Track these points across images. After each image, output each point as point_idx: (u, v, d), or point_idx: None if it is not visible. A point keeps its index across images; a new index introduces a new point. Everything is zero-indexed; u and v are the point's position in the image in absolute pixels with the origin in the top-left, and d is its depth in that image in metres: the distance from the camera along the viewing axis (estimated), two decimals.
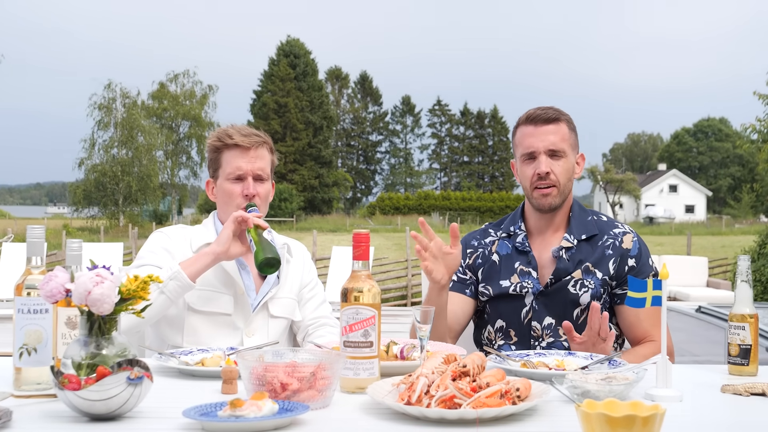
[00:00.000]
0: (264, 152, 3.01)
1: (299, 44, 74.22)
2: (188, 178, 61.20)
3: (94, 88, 61.17)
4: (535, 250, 3.01)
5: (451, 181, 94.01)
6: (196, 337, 2.87)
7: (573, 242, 2.95)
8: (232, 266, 2.94)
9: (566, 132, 2.95)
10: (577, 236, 2.96)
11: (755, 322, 2.40)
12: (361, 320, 2.14)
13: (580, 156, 3.04)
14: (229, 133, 2.98)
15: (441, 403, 1.81)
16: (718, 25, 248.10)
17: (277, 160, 3.12)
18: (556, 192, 2.92)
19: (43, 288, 1.90)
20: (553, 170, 2.91)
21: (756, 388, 2.11)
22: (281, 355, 2.11)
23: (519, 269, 2.99)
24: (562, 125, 2.94)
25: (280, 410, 1.77)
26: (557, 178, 2.91)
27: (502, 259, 3.04)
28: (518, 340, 2.97)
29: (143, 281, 1.91)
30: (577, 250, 2.95)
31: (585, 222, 3.01)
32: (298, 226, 51.56)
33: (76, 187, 52.73)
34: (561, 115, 2.96)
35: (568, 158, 2.94)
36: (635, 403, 1.62)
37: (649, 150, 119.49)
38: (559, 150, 2.91)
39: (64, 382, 1.77)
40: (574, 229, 2.98)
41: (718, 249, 31.42)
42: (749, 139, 17.51)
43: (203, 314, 2.89)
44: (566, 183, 2.94)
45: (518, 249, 3.03)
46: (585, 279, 2.92)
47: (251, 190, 2.93)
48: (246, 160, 2.95)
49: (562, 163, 2.92)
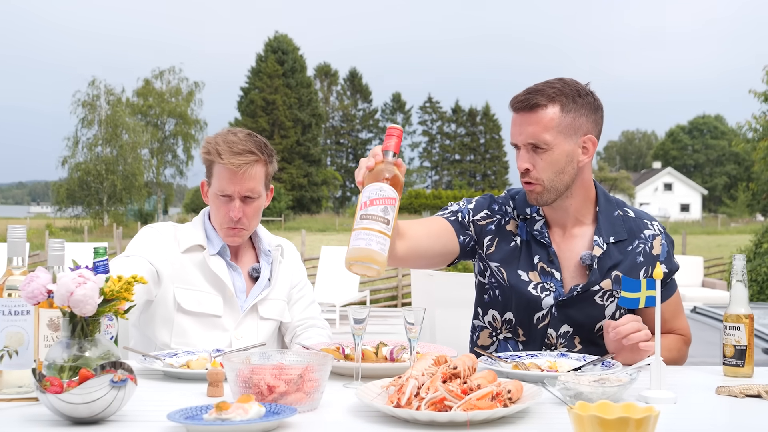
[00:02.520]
0: (255, 170, 2.90)
1: (287, 40, 74.11)
2: (174, 176, 61.19)
3: (77, 85, 61.16)
4: (556, 244, 2.75)
5: (443, 180, 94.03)
6: (185, 337, 2.88)
7: (603, 247, 2.70)
8: (222, 268, 2.94)
9: (555, 118, 2.60)
10: (606, 239, 2.71)
11: (750, 322, 2.41)
12: (383, 197, 2.09)
13: (588, 139, 2.66)
14: (219, 150, 2.87)
15: (431, 405, 1.81)
16: (714, 20, 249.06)
17: (275, 168, 3.04)
18: (541, 189, 2.64)
19: (25, 289, 1.89)
20: (534, 166, 2.63)
21: (751, 390, 2.11)
22: (268, 356, 2.10)
23: (540, 266, 2.72)
24: (550, 109, 2.60)
25: (267, 413, 1.76)
26: (539, 175, 2.63)
27: (522, 245, 2.77)
28: (527, 341, 2.76)
29: (127, 282, 1.90)
30: (605, 255, 2.71)
31: (613, 220, 2.75)
32: (287, 225, 51.52)
33: (59, 186, 52.60)
34: (550, 97, 2.61)
35: (556, 149, 2.61)
36: (628, 405, 1.63)
37: (643, 148, 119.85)
38: (539, 142, 2.60)
39: (45, 385, 1.76)
40: (602, 229, 2.72)
41: (714, 248, 31.53)
42: (745, 137, 17.58)
43: (192, 315, 2.89)
44: (554, 178, 2.63)
45: (536, 238, 2.75)
46: (614, 290, 2.70)
47: (236, 213, 2.89)
48: (234, 182, 2.88)
49: (546, 157, 2.62)
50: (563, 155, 2.63)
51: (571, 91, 2.64)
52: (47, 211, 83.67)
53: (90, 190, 51.42)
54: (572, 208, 2.75)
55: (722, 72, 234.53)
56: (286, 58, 72.55)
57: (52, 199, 55.12)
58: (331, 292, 12.19)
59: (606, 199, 2.81)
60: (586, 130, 2.67)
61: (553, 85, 2.64)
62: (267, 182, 3.00)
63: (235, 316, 2.94)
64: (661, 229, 2.82)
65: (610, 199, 2.83)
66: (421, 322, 2.23)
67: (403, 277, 17.00)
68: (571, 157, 2.65)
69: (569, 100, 2.63)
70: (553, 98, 2.62)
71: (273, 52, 72.71)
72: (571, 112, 2.63)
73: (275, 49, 73.10)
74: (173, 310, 2.88)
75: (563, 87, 2.64)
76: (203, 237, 2.98)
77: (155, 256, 2.90)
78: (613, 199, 2.85)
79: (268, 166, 2.97)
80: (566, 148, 2.63)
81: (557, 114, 2.61)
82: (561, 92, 2.63)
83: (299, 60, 73.77)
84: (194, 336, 2.88)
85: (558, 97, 2.62)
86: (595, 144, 2.70)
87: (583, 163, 2.69)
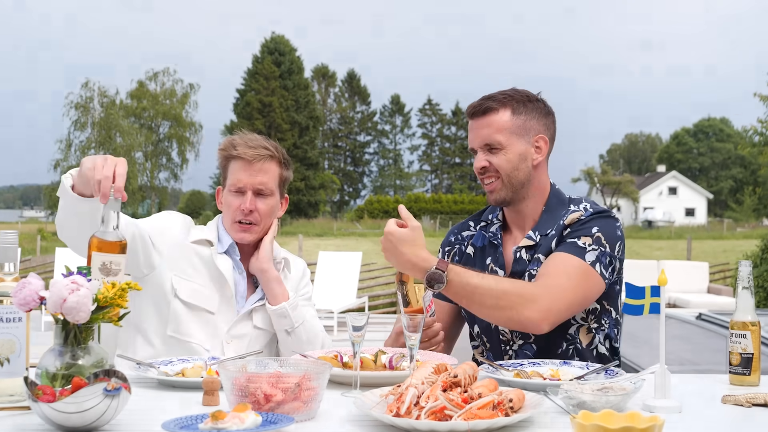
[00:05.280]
0: (270, 166, 3.00)
1: (284, 41, 74.12)
2: (168, 180, 61.12)
3: (70, 87, 61.16)
4: (505, 246, 2.93)
5: (442, 184, 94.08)
6: (178, 325, 2.90)
7: (536, 239, 2.83)
8: (227, 266, 2.97)
9: (506, 120, 2.81)
10: (542, 232, 2.84)
11: (757, 330, 2.41)
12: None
13: (540, 138, 2.86)
14: (235, 143, 2.99)
15: (431, 414, 1.81)
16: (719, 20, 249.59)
17: (290, 175, 3.11)
18: (501, 185, 2.82)
19: (17, 296, 1.89)
20: (491, 162, 2.82)
21: (758, 399, 2.12)
22: (265, 365, 2.11)
23: (489, 266, 2.90)
24: (501, 113, 2.81)
25: (264, 422, 1.76)
26: (497, 168, 2.81)
27: (477, 252, 2.98)
28: (491, 347, 2.91)
29: (121, 288, 1.91)
30: (539, 247, 2.82)
31: (557, 217, 2.85)
32: (283, 230, 51.50)
33: (51, 189, 52.53)
34: (501, 102, 2.83)
35: (510, 148, 2.80)
36: (633, 414, 1.63)
37: (647, 151, 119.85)
38: (493, 143, 2.80)
39: (38, 393, 1.76)
40: (541, 225, 2.85)
41: (720, 254, 31.53)
42: (751, 140, 17.60)
43: (187, 305, 2.92)
44: (511, 173, 2.81)
45: (491, 241, 2.95)
46: (532, 269, 2.79)
47: (248, 205, 2.94)
48: (248, 174, 2.96)
49: (501, 155, 2.81)
50: (516, 154, 2.82)
51: (521, 97, 2.86)
52: (40, 216, 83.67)
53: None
54: (528, 209, 2.90)
55: (727, 74, 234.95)
56: (283, 60, 72.56)
57: (44, 203, 55.11)
58: (329, 299, 12.18)
59: (558, 200, 2.92)
60: (537, 131, 2.86)
61: (505, 92, 2.87)
62: (281, 184, 3.06)
63: (229, 318, 2.95)
64: (588, 208, 2.85)
65: (563, 200, 2.92)
66: (421, 329, 2.24)
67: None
68: (525, 155, 2.84)
69: (519, 104, 2.85)
70: (504, 102, 2.84)
71: (269, 53, 72.73)
72: (521, 114, 2.84)
73: (272, 50, 73.12)
74: (170, 296, 2.91)
75: (514, 93, 2.87)
76: (214, 235, 3.02)
77: (162, 235, 2.94)
78: (567, 199, 2.94)
79: (282, 169, 3.05)
80: (519, 148, 2.83)
81: (508, 116, 2.83)
82: (512, 98, 2.85)
83: (296, 61, 73.79)
84: (187, 325, 2.90)
85: (509, 102, 2.84)
86: (548, 143, 2.89)
87: (537, 162, 2.87)
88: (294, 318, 2.95)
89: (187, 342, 2.89)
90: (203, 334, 2.91)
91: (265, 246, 2.99)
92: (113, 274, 2.12)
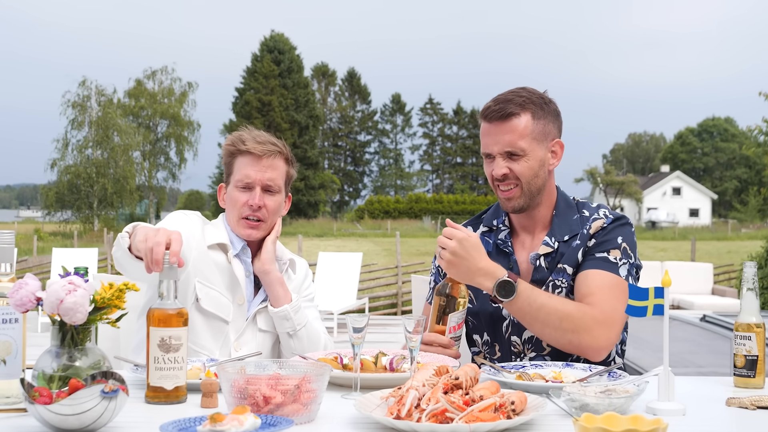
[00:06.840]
0: (278, 162, 3.01)
1: (284, 39, 74.08)
2: (166, 180, 61.13)
3: (67, 85, 61.16)
4: (518, 252, 2.88)
5: (444, 184, 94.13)
6: (193, 335, 2.86)
7: (554, 246, 2.80)
8: (242, 272, 2.96)
9: (528, 125, 2.75)
10: (559, 238, 2.81)
11: (762, 332, 2.41)
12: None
13: (556, 143, 2.83)
14: (243, 139, 2.99)
15: (432, 417, 1.81)
16: (723, 18, 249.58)
17: (295, 173, 3.12)
18: (519, 192, 2.77)
19: (13, 296, 1.89)
20: (512, 169, 2.75)
21: (763, 402, 2.12)
22: (264, 367, 2.10)
23: None
24: (523, 118, 2.75)
25: (263, 425, 1.76)
26: (518, 176, 2.75)
27: None
28: (501, 356, 2.87)
29: (118, 289, 1.91)
30: (556, 253, 2.80)
31: (570, 222, 2.84)
32: (283, 230, 51.10)
33: (48, 189, 52.55)
34: (521, 106, 2.75)
35: (531, 155, 2.75)
36: (636, 417, 1.63)
37: (651, 151, 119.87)
38: (516, 150, 2.74)
39: (34, 395, 1.76)
40: (556, 231, 2.83)
41: (724, 255, 31.50)
42: (756, 141, 17.58)
43: (205, 314, 2.90)
44: (531, 180, 2.77)
45: (499, 248, 2.90)
46: (556, 279, 2.77)
47: (257, 201, 2.94)
48: (256, 169, 2.96)
49: (522, 163, 2.75)
50: (537, 161, 2.78)
51: (538, 99, 2.80)
52: (36, 216, 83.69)
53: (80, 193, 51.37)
54: (539, 215, 2.88)
55: (732, 73, 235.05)
56: (283, 58, 72.53)
57: (41, 203, 55.08)
58: (329, 300, 12.18)
59: (566, 204, 2.91)
60: (554, 136, 2.84)
61: (521, 94, 2.79)
62: (287, 182, 3.07)
63: (239, 326, 2.94)
64: (608, 215, 2.86)
65: (571, 204, 2.92)
66: (422, 330, 2.24)
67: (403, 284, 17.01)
68: (543, 161, 2.80)
69: (538, 107, 2.79)
70: (524, 106, 2.77)
71: (269, 52, 72.71)
72: (541, 119, 2.79)
73: (271, 48, 73.10)
74: (189, 303, 2.88)
75: (530, 96, 2.79)
76: (227, 237, 3.00)
77: (187, 242, 2.87)
78: (574, 203, 2.94)
79: (288, 166, 3.07)
80: (539, 154, 2.78)
81: (530, 122, 2.76)
82: (530, 101, 2.78)
83: (296, 60, 73.76)
84: (199, 335, 2.87)
85: (528, 106, 2.77)
86: (563, 147, 2.86)
87: (553, 167, 2.86)
88: (296, 320, 2.94)
89: (197, 352, 2.86)
90: (214, 343, 2.89)
91: (268, 247, 2.98)
92: (174, 350, 2.08)
